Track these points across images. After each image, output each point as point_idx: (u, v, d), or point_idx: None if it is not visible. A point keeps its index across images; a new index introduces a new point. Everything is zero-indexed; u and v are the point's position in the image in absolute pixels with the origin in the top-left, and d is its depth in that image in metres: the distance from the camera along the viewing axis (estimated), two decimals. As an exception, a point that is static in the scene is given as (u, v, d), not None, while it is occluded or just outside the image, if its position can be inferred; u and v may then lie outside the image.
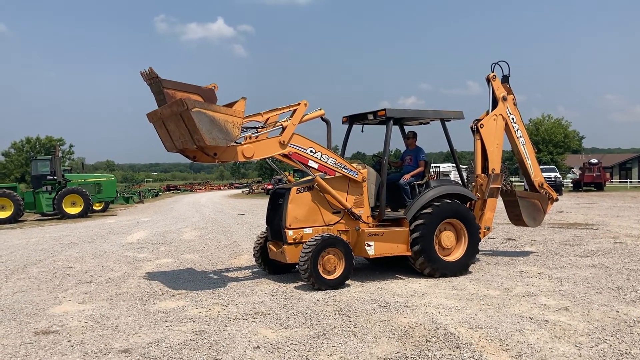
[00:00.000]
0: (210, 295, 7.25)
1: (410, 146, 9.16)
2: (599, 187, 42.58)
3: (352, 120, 9.12)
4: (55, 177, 23.49)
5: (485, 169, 9.35)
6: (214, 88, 7.11)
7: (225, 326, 5.75)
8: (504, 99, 9.52)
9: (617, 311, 6.00)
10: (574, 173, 58.36)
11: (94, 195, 25.02)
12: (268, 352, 4.90)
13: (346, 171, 7.94)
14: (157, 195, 54.91)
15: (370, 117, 8.47)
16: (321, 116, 8.13)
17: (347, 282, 7.63)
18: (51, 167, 23.96)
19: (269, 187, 47.90)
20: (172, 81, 6.91)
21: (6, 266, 10.26)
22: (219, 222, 19.73)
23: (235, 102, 7.17)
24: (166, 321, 6.01)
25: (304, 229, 7.72)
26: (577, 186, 43.53)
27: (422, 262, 7.99)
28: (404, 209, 8.28)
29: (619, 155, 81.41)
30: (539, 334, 5.25)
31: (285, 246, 7.68)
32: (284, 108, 7.81)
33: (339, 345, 5.05)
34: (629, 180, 59.45)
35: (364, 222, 8.03)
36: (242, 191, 63.12)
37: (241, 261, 10.20)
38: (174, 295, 7.32)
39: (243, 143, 7.36)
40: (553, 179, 34.63)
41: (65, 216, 22.82)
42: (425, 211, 8.07)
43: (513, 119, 9.66)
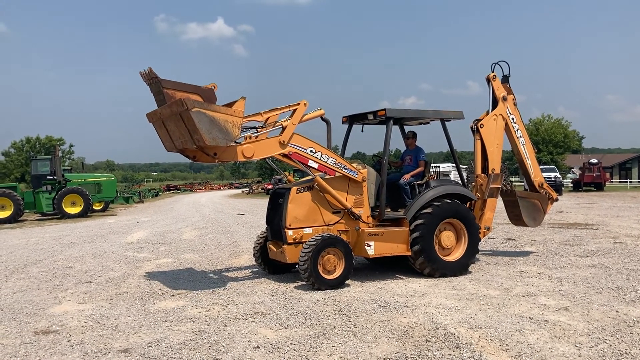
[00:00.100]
0: (210, 295, 7.25)
1: (410, 146, 9.16)
2: (599, 187, 42.59)
3: (352, 120, 9.12)
4: (55, 177, 23.49)
5: (485, 169, 9.35)
6: (213, 88, 7.09)
7: (225, 326, 5.76)
8: (504, 99, 9.52)
9: (617, 311, 6.00)
10: (573, 173, 58.37)
11: (94, 195, 25.02)
12: (268, 352, 4.90)
13: (346, 171, 7.94)
14: (157, 195, 54.92)
15: (370, 117, 8.47)
16: (321, 116, 8.13)
17: (347, 282, 7.63)
18: (51, 166, 23.96)
19: (269, 187, 47.91)
20: (172, 81, 6.90)
21: (6, 266, 10.26)
22: (219, 222, 19.73)
23: (235, 102, 7.16)
24: (166, 321, 6.01)
25: (303, 229, 7.72)
26: (577, 186, 43.55)
27: (422, 262, 7.99)
28: (404, 209, 8.27)
29: (618, 155, 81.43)
30: (538, 334, 5.25)
31: (285, 246, 7.68)
32: (284, 108, 7.80)
33: (339, 345, 5.05)
34: (628, 180, 59.47)
35: (364, 222, 8.03)
36: (242, 191, 63.12)
37: (241, 261, 10.20)
38: (173, 295, 7.32)
39: (243, 143, 7.36)
40: (553, 179, 34.63)
41: (65, 216, 22.81)
42: (425, 211, 8.07)
43: (513, 119, 9.66)
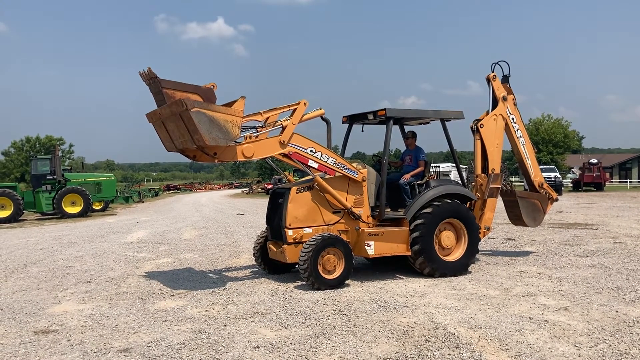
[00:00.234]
0: (210, 295, 7.25)
1: (410, 146, 9.16)
2: (599, 187, 42.58)
3: (352, 120, 9.12)
4: (55, 177, 23.49)
5: (485, 168, 9.35)
6: (213, 87, 7.08)
7: (225, 326, 5.75)
8: (504, 99, 9.52)
9: (617, 311, 6.00)
10: (573, 173, 58.40)
11: (94, 195, 25.01)
12: (267, 352, 4.90)
13: (346, 171, 7.93)
14: (156, 194, 54.93)
15: (370, 116, 8.47)
16: (321, 116, 8.13)
17: (346, 281, 7.63)
18: (51, 166, 23.97)
19: (269, 186, 47.92)
20: (171, 81, 6.89)
21: (6, 265, 10.26)
22: (219, 221, 19.73)
23: (235, 102, 7.14)
24: (166, 321, 6.01)
25: (303, 229, 7.72)
26: (577, 186, 43.56)
27: (422, 262, 7.99)
28: (404, 209, 8.27)
29: (618, 155, 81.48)
30: (538, 333, 5.25)
31: (285, 246, 7.68)
32: (284, 107, 7.79)
33: (339, 345, 5.05)
34: (628, 181, 59.48)
35: (364, 222, 8.02)
36: (242, 191, 63.13)
37: (241, 261, 10.20)
38: (173, 295, 7.32)
39: (243, 143, 7.35)
40: (553, 179, 34.65)
41: (65, 216, 22.81)
42: (425, 211, 8.07)
43: (513, 119, 9.66)
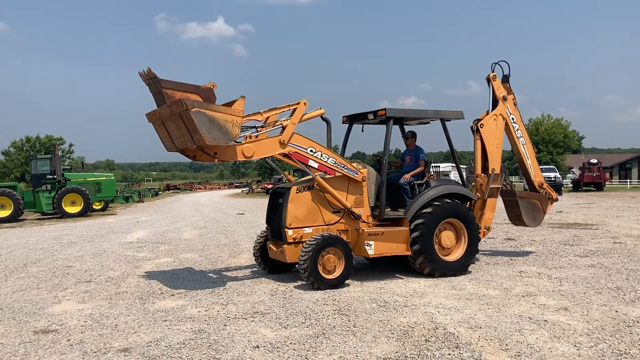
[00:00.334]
0: (210, 295, 7.25)
1: (410, 146, 9.16)
2: (599, 187, 42.57)
3: (352, 119, 9.11)
4: (55, 176, 23.49)
5: (485, 168, 9.35)
6: (212, 87, 7.08)
7: (225, 325, 5.75)
8: (504, 98, 9.52)
9: (617, 311, 6.00)
10: (573, 173, 58.40)
11: (94, 195, 25.01)
12: (267, 352, 4.90)
13: (346, 171, 7.93)
14: (156, 194, 54.93)
15: (371, 116, 8.47)
16: (321, 115, 8.12)
17: (346, 281, 7.63)
18: (51, 166, 23.97)
19: (269, 186, 47.93)
20: (171, 81, 6.88)
21: (6, 265, 10.26)
22: (219, 221, 19.72)
23: (235, 101, 7.14)
24: (165, 320, 6.01)
25: (303, 229, 7.72)
26: (577, 186, 43.55)
27: (422, 262, 7.99)
28: (404, 209, 8.27)
29: (618, 156, 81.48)
30: (538, 333, 5.25)
31: (285, 245, 7.67)
32: (284, 107, 7.78)
33: (338, 344, 5.05)
34: (628, 181, 59.47)
35: (364, 222, 8.02)
36: (241, 190, 63.11)
37: (241, 260, 10.20)
38: (173, 295, 7.32)
39: (243, 142, 7.35)
40: (553, 179, 34.65)
41: (65, 215, 22.80)
42: (425, 211, 8.07)
43: (513, 119, 9.66)
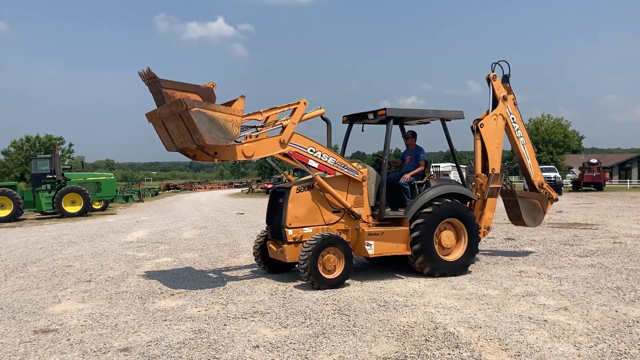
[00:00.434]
0: (210, 294, 7.25)
1: (410, 146, 9.15)
2: (599, 187, 42.57)
3: (352, 119, 9.11)
4: (55, 176, 23.48)
5: (485, 168, 9.35)
6: (212, 87, 7.08)
7: (225, 325, 5.75)
8: (504, 98, 9.52)
9: (616, 311, 6.00)
10: (573, 173, 58.39)
11: (94, 194, 25.00)
12: (267, 351, 4.90)
13: (346, 170, 7.93)
14: (156, 194, 54.95)
15: (371, 116, 8.47)
16: (321, 115, 8.12)
17: (346, 281, 7.63)
18: (51, 165, 23.97)
19: (269, 186, 47.93)
20: (171, 81, 6.87)
21: (5, 265, 10.26)
22: (219, 221, 19.72)
23: (235, 101, 7.14)
24: (165, 320, 6.01)
25: (303, 228, 7.71)
26: (577, 186, 43.55)
27: (422, 262, 7.98)
28: (404, 209, 8.27)
29: (618, 155, 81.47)
30: (538, 333, 5.25)
31: (285, 245, 7.67)
32: (284, 107, 7.78)
33: (338, 344, 5.05)
34: (628, 181, 59.45)
35: (364, 222, 8.02)
36: (241, 190, 63.11)
37: (241, 260, 10.19)
38: (173, 294, 7.32)
39: (243, 142, 7.35)
40: (553, 178, 34.64)
41: (65, 215, 22.80)
42: (425, 210, 8.07)
43: (513, 118, 9.66)
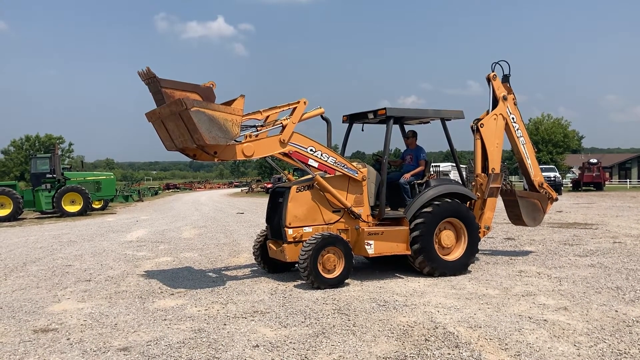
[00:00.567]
0: (210, 294, 7.24)
1: (411, 145, 9.15)
2: (598, 187, 42.56)
3: (352, 119, 9.11)
4: (55, 175, 23.48)
5: (485, 168, 9.34)
6: (212, 86, 7.08)
7: (225, 325, 5.75)
8: (504, 98, 9.51)
9: (616, 311, 6.00)
10: (573, 173, 58.39)
11: (94, 194, 25.02)
12: (267, 351, 4.90)
13: (346, 170, 7.93)
14: (156, 193, 54.98)
15: (371, 116, 8.47)
16: (321, 114, 8.12)
17: (346, 281, 7.63)
18: (51, 165, 23.97)
19: (269, 185, 47.93)
20: (170, 80, 6.87)
21: (5, 264, 10.26)
22: (219, 220, 19.72)
23: (234, 100, 7.13)
24: (165, 319, 6.01)
25: (303, 228, 7.71)
26: (577, 186, 43.54)
27: (422, 261, 7.98)
28: (404, 208, 8.27)
29: (618, 155, 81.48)
30: (538, 333, 5.25)
31: (285, 245, 7.67)
32: (284, 106, 7.77)
33: (338, 344, 5.05)
34: (628, 180, 59.41)
35: (364, 221, 8.02)
36: (241, 190, 63.12)
37: (240, 260, 10.19)
38: (173, 294, 7.32)
39: (243, 141, 7.35)
40: (552, 178, 34.65)
41: (65, 214, 22.80)
42: (425, 210, 8.07)
43: (513, 118, 9.66)
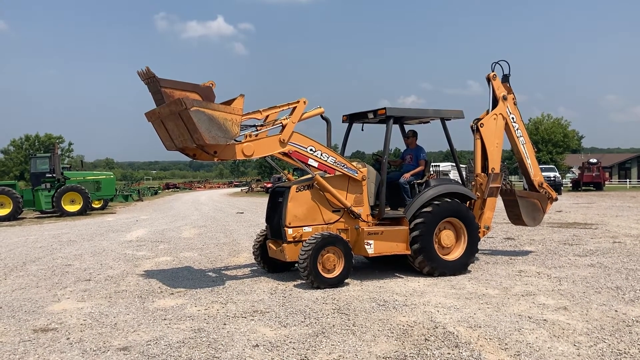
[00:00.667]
0: (209, 294, 7.24)
1: (411, 145, 9.15)
2: (598, 186, 42.59)
3: (352, 119, 9.11)
4: (55, 175, 23.47)
5: (485, 168, 9.34)
6: (211, 86, 7.07)
7: (224, 324, 5.75)
8: (504, 98, 9.51)
9: (616, 311, 6.00)
10: (573, 173, 58.40)
11: (93, 193, 25.02)
12: (267, 351, 4.90)
13: (346, 170, 7.93)
14: (156, 193, 54.97)
15: (371, 115, 8.47)
16: (321, 114, 8.12)
17: (346, 280, 7.63)
18: (50, 164, 23.97)
19: (269, 185, 47.94)
20: (170, 80, 6.86)
21: (5, 263, 10.26)
22: (218, 220, 19.72)
23: (234, 100, 7.13)
24: (165, 319, 6.01)
25: (303, 228, 7.71)
26: (576, 186, 43.57)
27: (422, 261, 7.98)
28: (404, 208, 8.27)
29: (618, 155, 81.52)
30: (537, 333, 5.25)
31: (284, 244, 7.67)
32: (283, 106, 7.77)
33: (338, 343, 5.05)
34: (628, 180, 59.43)
35: (364, 221, 8.02)
36: (241, 189, 63.14)
37: (240, 259, 10.19)
38: (172, 293, 7.31)
39: (243, 141, 7.34)
40: (552, 178, 34.67)
41: (64, 214, 22.80)
42: (425, 210, 8.07)
43: (513, 118, 9.66)
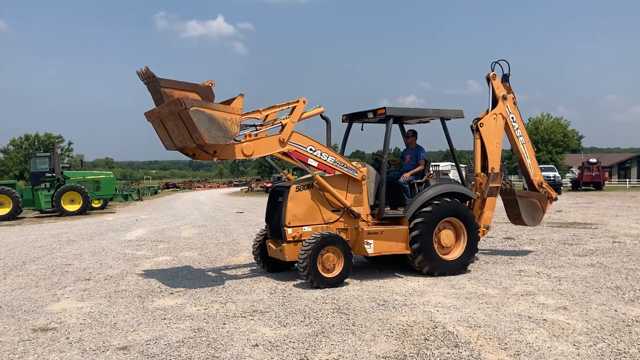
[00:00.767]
0: (209, 293, 7.24)
1: (411, 145, 9.15)
2: (598, 186, 42.61)
3: (351, 118, 9.11)
4: (54, 175, 23.48)
5: (484, 167, 9.34)
6: (211, 85, 7.07)
7: (224, 324, 5.75)
8: (504, 98, 9.51)
9: (616, 310, 6.00)
10: (572, 172, 58.42)
11: (93, 193, 25.03)
12: (266, 350, 4.90)
13: (346, 169, 7.92)
14: (156, 192, 55.01)
15: (370, 115, 8.46)
16: (320, 114, 8.11)
17: (346, 280, 7.63)
18: (50, 164, 23.98)
19: (268, 185, 47.96)
20: (169, 80, 6.86)
21: (4, 263, 10.25)
22: (218, 219, 19.72)
23: (233, 99, 7.13)
24: (164, 319, 6.01)
25: (303, 227, 7.71)
26: (576, 186, 43.59)
27: (421, 261, 7.98)
28: (404, 208, 8.27)
29: (617, 155, 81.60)
30: (537, 332, 5.25)
31: (284, 244, 7.67)
32: (283, 105, 7.76)
33: (338, 343, 5.05)
34: (627, 180, 59.46)
35: (364, 221, 8.02)
36: (241, 189, 63.17)
37: (240, 259, 10.19)
38: (172, 293, 7.31)
39: (242, 141, 7.34)
40: (552, 178, 34.67)
41: (64, 213, 22.80)
42: (424, 210, 8.07)
43: (513, 118, 9.66)
